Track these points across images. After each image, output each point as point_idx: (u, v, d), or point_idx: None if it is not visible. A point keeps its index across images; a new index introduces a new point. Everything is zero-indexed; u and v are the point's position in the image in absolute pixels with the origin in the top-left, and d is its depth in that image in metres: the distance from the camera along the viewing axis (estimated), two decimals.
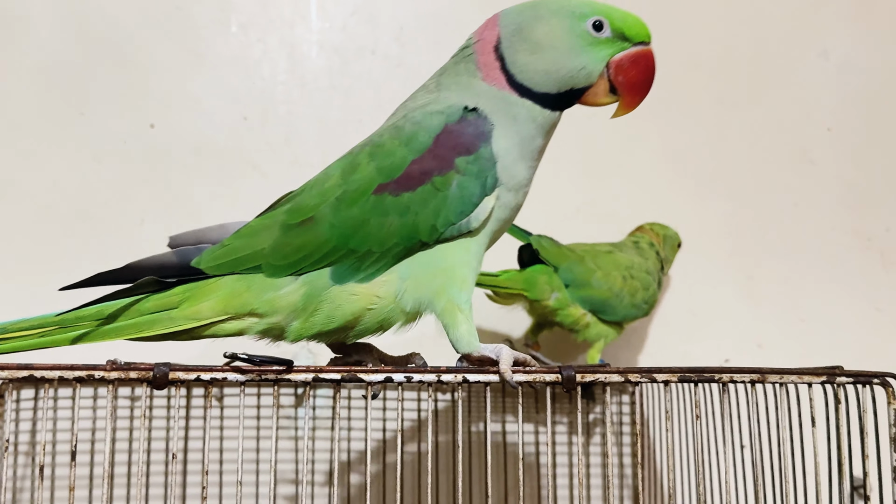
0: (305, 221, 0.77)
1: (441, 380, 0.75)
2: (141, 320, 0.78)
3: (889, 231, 1.37)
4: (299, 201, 0.78)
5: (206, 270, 0.78)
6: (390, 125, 0.80)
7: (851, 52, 1.41)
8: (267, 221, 0.79)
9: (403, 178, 0.76)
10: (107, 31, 1.24)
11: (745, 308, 1.27)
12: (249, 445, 1.12)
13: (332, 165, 0.81)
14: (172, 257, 0.79)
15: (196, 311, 0.78)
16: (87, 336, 0.78)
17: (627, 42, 0.78)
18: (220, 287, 0.78)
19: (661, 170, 1.34)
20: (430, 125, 0.77)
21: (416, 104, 0.81)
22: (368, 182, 0.76)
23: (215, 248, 0.79)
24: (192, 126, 1.24)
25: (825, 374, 0.79)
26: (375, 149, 0.77)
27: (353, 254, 0.76)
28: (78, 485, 1.05)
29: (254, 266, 0.77)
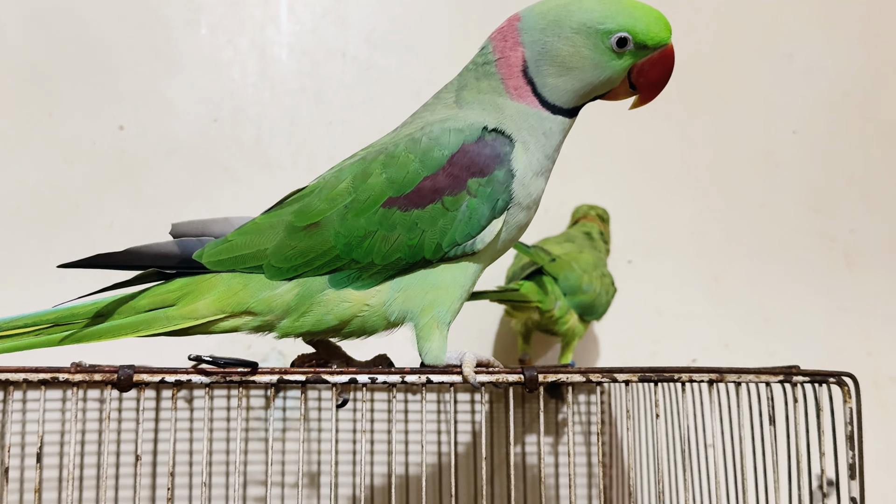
0: (311, 226, 0.76)
1: (405, 381, 0.76)
2: (137, 319, 0.78)
3: (853, 232, 1.39)
4: (307, 203, 0.77)
5: (206, 265, 0.77)
6: (406, 136, 0.78)
7: (816, 54, 1.43)
8: (272, 220, 0.78)
9: (414, 193, 0.76)
10: (76, 32, 1.23)
11: (711, 308, 1.29)
12: (219, 447, 1.12)
13: (345, 168, 0.79)
14: (174, 247, 0.78)
15: (193, 310, 0.77)
16: (83, 335, 0.78)
17: (649, 49, 0.79)
18: (216, 284, 0.78)
19: (628, 170, 1.35)
20: (447, 142, 0.76)
21: (435, 117, 0.80)
22: (379, 194, 0.76)
23: (218, 242, 0.78)
24: (161, 128, 1.24)
25: (782, 374, 0.80)
26: (389, 159, 0.76)
27: (355, 264, 0.76)
28: (46, 487, 1.05)
29: (255, 266, 0.77)
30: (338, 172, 0.79)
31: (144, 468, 1.08)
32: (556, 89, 0.79)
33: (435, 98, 0.84)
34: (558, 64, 0.78)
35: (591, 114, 1.35)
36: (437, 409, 1.17)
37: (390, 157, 0.77)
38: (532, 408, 1.19)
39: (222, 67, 1.27)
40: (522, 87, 0.79)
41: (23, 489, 1.06)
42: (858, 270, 1.38)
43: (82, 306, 0.78)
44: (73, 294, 1.15)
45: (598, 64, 0.78)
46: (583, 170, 1.34)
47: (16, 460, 1.06)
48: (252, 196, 1.24)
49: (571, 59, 0.77)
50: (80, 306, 0.78)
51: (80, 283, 1.17)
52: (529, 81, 0.79)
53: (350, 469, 1.12)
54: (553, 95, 0.79)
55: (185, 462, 1.11)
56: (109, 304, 0.78)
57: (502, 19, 1.31)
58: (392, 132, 0.83)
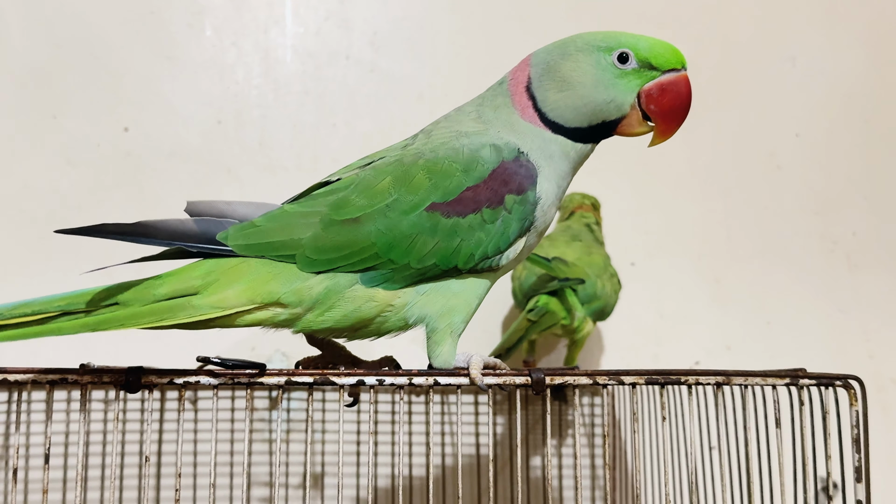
0: (350, 221, 0.74)
1: (413, 382, 0.76)
2: (158, 307, 0.72)
3: (855, 235, 1.39)
4: (344, 198, 0.75)
5: (233, 248, 0.73)
6: (443, 144, 0.78)
7: (819, 58, 1.43)
8: (305, 210, 0.75)
9: (456, 202, 0.76)
10: (81, 34, 1.23)
11: (713, 310, 1.29)
12: (224, 448, 1.12)
13: (379, 167, 0.77)
14: (192, 225, 0.73)
15: (221, 299, 0.73)
16: (98, 323, 0.71)
17: (656, 71, 0.79)
18: (245, 271, 0.74)
19: (630, 173, 1.35)
20: (489, 157, 0.77)
21: (466, 128, 0.80)
22: (423, 197, 0.75)
23: (245, 225, 0.74)
24: (165, 130, 1.24)
25: (789, 377, 0.81)
26: (433, 165, 0.76)
27: (390, 263, 0.75)
28: (52, 488, 1.05)
29: (287, 255, 0.74)
30: (374, 171, 0.77)
31: (151, 469, 1.08)
32: (556, 105, 0.79)
33: (458, 111, 0.84)
34: (559, 79, 0.78)
35: None
36: (441, 412, 1.17)
37: (433, 163, 0.76)
38: (535, 410, 1.19)
39: (226, 70, 1.27)
40: (525, 103, 0.80)
41: (27, 489, 1.06)
42: (860, 273, 1.38)
43: (93, 292, 0.72)
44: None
45: (599, 80, 0.78)
46: (585, 172, 1.33)
47: (21, 461, 1.06)
48: (255, 197, 1.23)
49: (572, 73, 0.78)
50: (90, 292, 0.72)
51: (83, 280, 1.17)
52: (531, 97, 0.80)
53: (354, 471, 1.12)
54: (553, 112, 0.79)
55: (190, 463, 1.11)
56: (124, 289, 0.73)
57: (504, 22, 1.31)
58: (416, 138, 0.82)
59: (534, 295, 1.09)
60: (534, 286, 1.09)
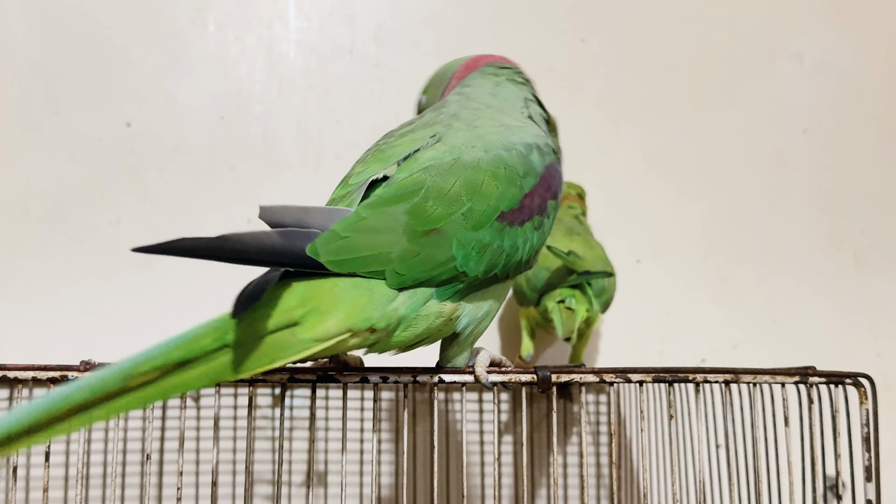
0: (432, 232, 0.68)
1: (417, 380, 0.76)
2: (268, 346, 0.62)
3: (862, 233, 1.38)
4: (420, 205, 0.69)
5: (326, 264, 0.64)
6: (496, 142, 0.76)
7: (826, 54, 1.42)
8: (386, 219, 0.67)
9: (519, 210, 0.73)
10: (83, 29, 1.23)
11: (719, 309, 1.28)
12: (227, 446, 1.11)
13: (444, 170, 0.72)
14: (278, 238, 0.63)
15: (324, 331, 0.63)
16: (219, 374, 0.60)
17: None
18: (341, 295, 0.64)
19: (636, 171, 1.34)
20: (538, 162, 0.76)
21: (510, 122, 0.80)
22: (494, 206, 0.71)
23: (329, 237, 0.65)
24: (168, 125, 1.23)
25: (798, 375, 0.80)
26: (496, 169, 0.73)
27: (464, 276, 0.70)
28: (53, 486, 1.05)
29: (377, 270, 0.66)
30: (439, 173, 0.71)
31: (152, 467, 1.08)
32: None
33: (491, 94, 0.84)
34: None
35: (599, 112, 1.35)
36: (446, 409, 1.16)
37: (496, 166, 0.73)
38: (541, 408, 1.18)
39: (229, 65, 1.26)
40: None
41: (29, 486, 1.05)
42: (868, 271, 1.37)
43: (201, 337, 0.61)
44: (80, 290, 1.15)
45: None
46: (590, 169, 1.33)
47: (22, 458, 1.05)
48: (258, 194, 1.23)
49: None
50: (198, 336, 0.61)
51: (88, 275, 1.17)
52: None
53: (358, 468, 1.11)
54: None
55: (192, 461, 1.10)
56: (228, 330, 0.61)
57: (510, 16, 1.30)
58: (450, 124, 0.78)
59: (549, 290, 1.06)
60: (549, 281, 1.06)
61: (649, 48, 1.38)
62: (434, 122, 0.79)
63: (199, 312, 1.18)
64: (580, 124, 1.34)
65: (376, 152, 0.76)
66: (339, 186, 0.75)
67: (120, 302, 1.17)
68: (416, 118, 0.83)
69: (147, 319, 1.17)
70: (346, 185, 0.73)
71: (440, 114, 0.81)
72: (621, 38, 1.37)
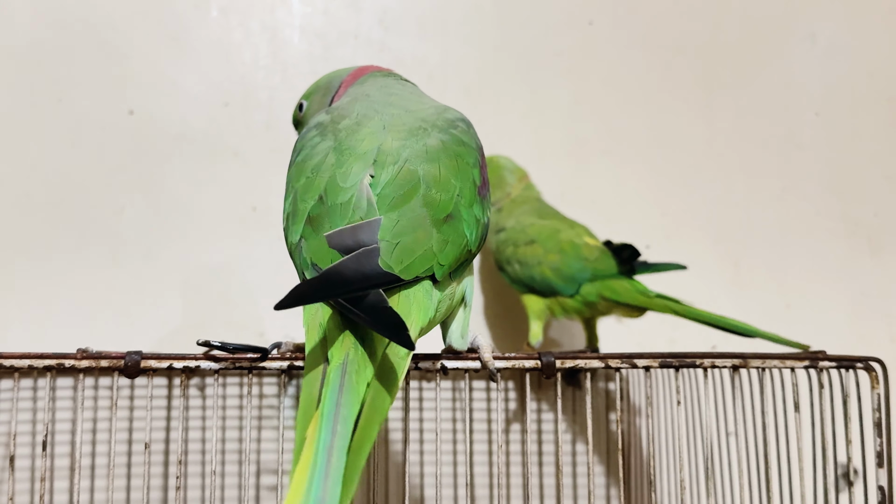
0: (448, 217, 0.70)
1: (419, 366, 0.75)
2: (386, 372, 0.64)
3: (877, 216, 1.36)
4: (430, 196, 0.70)
5: (399, 274, 0.65)
6: (439, 121, 0.77)
7: (839, 35, 1.40)
8: (413, 216, 0.69)
9: (483, 183, 0.76)
10: (85, 15, 1.22)
11: (731, 294, 1.26)
12: (232, 435, 1.11)
13: (423, 158, 0.73)
14: (360, 262, 0.64)
15: (414, 338, 0.66)
16: (379, 415, 0.62)
17: None
18: (412, 298, 0.68)
19: (646, 154, 1.33)
20: (475, 135, 0.79)
21: (432, 102, 0.82)
22: (472, 183, 0.74)
23: (386, 247, 0.66)
24: (172, 112, 1.22)
25: (808, 359, 0.78)
26: (461, 149, 0.75)
27: (469, 253, 0.73)
28: (57, 476, 1.04)
29: (429, 268, 0.68)
30: (421, 160, 0.72)
31: (157, 456, 1.07)
32: None
33: (402, 88, 0.87)
34: None
35: (608, 95, 1.34)
36: (451, 398, 1.15)
37: (456, 145, 0.75)
38: (550, 396, 1.17)
39: (233, 51, 1.25)
40: None
41: (33, 477, 1.05)
42: (882, 255, 1.35)
43: (355, 400, 0.61)
44: (83, 278, 1.14)
45: None
46: (600, 153, 1.31)
47: (27, 448, 1.05)
48: (262, 181, 1.22)
49: None
50: (354, 395, 0.61)
51: (91, 264, 1.16)
52: None
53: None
54: None
55: (198, 450, 1.10)
56: (361, 363, 0.63)
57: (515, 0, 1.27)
58: (390, 112, 0.79)
59: (594, 280, 1.08)
60: (597, 272, 1.09)
61: (658, 30, 1.36)
62: (372, 111, 0.79)
63: (200, 300, 1.18)
64: (589, 108, 1.33)
65: (343, 150, 0.74)
66: (328, 189, 0.71)
67: (123, 291, 1.16)
68: (343, 108, 0.81)
69: (150, 308, 1.16)
70: (337, 187, 0.71)
71: (371, 102, 0.81)
72: (630, 20, 1.35)
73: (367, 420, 0.61)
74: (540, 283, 1.11)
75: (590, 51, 1.34)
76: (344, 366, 0.62)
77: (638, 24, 1.36)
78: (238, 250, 1.20)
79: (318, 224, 0.70)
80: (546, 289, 1.10)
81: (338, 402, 0.59)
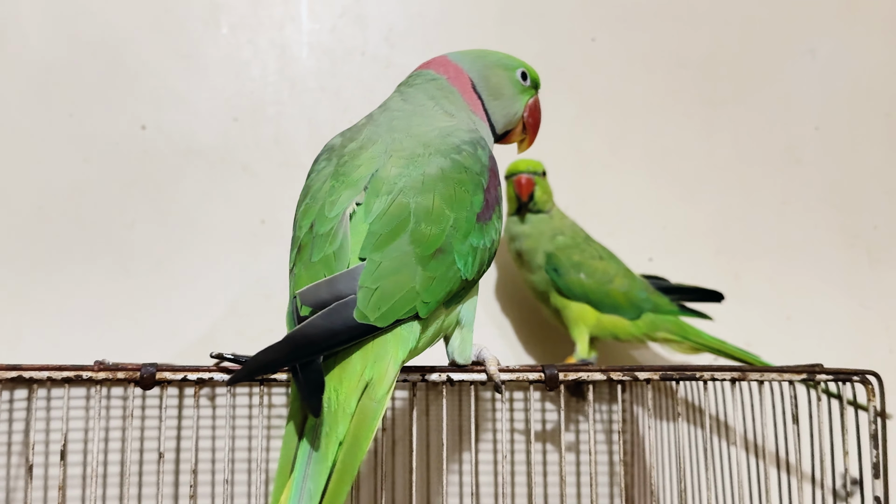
0: (437, 252, 0.71)
1: (425, 379, 0.76)
2: (361, 423, 0.66)
3: (876, 229, 1.38)
4: (419, 231, 0.71)
5: (375, 322, 0.67)
6: (443, 146, 0.77)
7: (838, 50, 1.42)
8: (397, 256, 0.70)
9: (485, 207, 0.77)
10: (97, 32, 1.24)
11: (732, 306, 1.28)
12: (242, 445, 1.12)
13: (416, 187, 0.73)
14: (331, 318, 0.66)
15: (389, 378, 0.68)
16: (342, 478, 0.65)
17: (535, 90, 0.92)
18: (390, 346, 0.69)
19: (647, 168, 1.34)
20: (483, 155, 0.79)
21: (442, 124, 0.81)
22: (471, 211, 0.75)
23: (364, 294, 0.67)
24: (182, 127, 1.24)
25: (806, 372, 0.80)
26: (461, 175, 0.75)
27: (466, 282, 0.74)
28: (70, 484, 1.06)
29: (411, 308, 0.69)
30: (415, 192, 0.73)
31: (168, 465, 1.09)
32: (494, 110, 0.88)
33: (406, 103, 0.86)
34: (491, 87, 0.87)
35: (610, 110, 1.35)
36: (458, 407, 1.17)
37: (456, 171, 0.75)
38: (556, 406, 1.19)
39: (242, 67, 1.27)
40: (475, 102, 0.87)
41: (47, 485, 1.07)
42: (881, 267, 1.36)
43: (325, 459, 0.65)
44: (95, 290, 1.16)
45: (514, 94, 0.89)
46: (602, 166, 1.33)
47: (41, 457, 1.07)
48: (271, 195, 1.24)
49: (499, 84, 0.88)
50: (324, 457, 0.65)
51: (102, 276, 1.18)
52: (479, 98, 0.87)
53: (371, 466, 1.12)
54: (493, 116, 0.88)
55: (208, 459, 1.11)
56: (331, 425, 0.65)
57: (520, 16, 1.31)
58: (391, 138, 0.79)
59: (656, 311, 1.16)
60: (657, 307, 1.16)
61: (660, 46, 1.38)
62: (376, 135, 0.80)
63: (212, 313, 1.19)
64: (591, 123, 1.34)
65: (338, 176, 0.76)
66: (317, 217, 0.74)
67: (134, 303, 1.18)
68: (357, 130, 0.83)
69: (161, 320, 1.18)
70: (323, 217, 0.73)
71: (377, 126, 0.82)
72: (632, 36, 1.37)
73: (337, 483, 0.64)
74: (605, 300, 1.13)
75: (592, 66, 1.36)
76: (317, 428, 0.65)
77: (640, 41, 1.37)
78: (247, 263, 1.22)
79: (304, 253, 0.72)
80: (609, 307, 1.13)
81: (305, 475, 0.63)
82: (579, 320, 1.13)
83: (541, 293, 1.17)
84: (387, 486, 1.13)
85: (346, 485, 0.64)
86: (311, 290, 0.68)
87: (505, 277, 1.28)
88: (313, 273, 0.70)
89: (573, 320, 1.14)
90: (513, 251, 1.19)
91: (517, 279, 1.25)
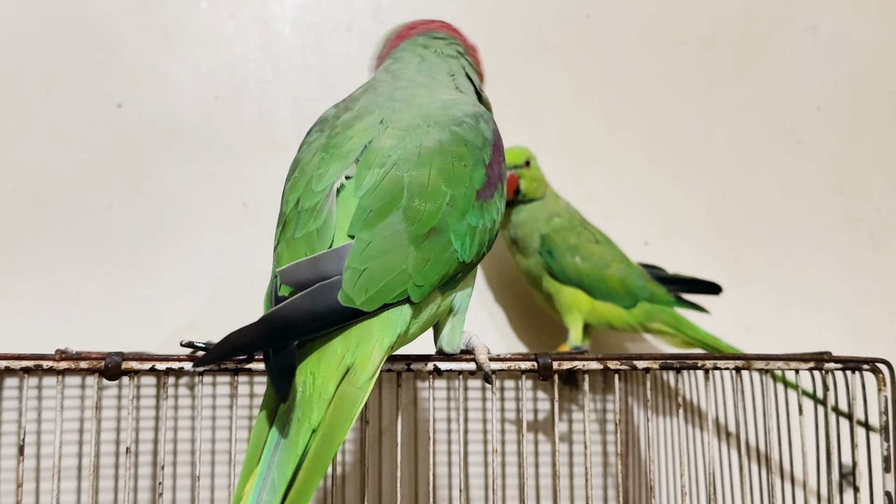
0: (430, 232, 0.66)
1: (410, 368, 0.72)
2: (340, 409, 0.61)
3: (879, 212, 1.34)
4: (412, 209, 0.66)
5: (361, 307, 0.62)
6: (443, 118, 0.72)
7: (840, 28, 1.38)
8: (388, 235, 0.65)
9: (487, 184, 0.72)
10: (72, 6, 1.19)
11: (731, 292, 1.24)
12: (223, 435, 1.09)
13: (414, 160, 0.68)
14: (314, 301, 0.61)
15: (373, 364, 0.63)
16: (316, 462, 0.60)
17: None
18: (376, 329, 0.64)
19: (646, 150, 1.31)
20: (487, 129, 0.74)
21: (445, 96, 0.77)
22: (470, 187, 0.70)
23: (351, 275, 0.62)
24: (161, 105, 1.20)
25: (813, 360, 0.76)
26: (461, 149, 0.70)
27: (463, 265, 0.69)
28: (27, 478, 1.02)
29: (401, 292, 0.64)
30: (411, 165, 0.68)
31: (145, 457, 1.05)
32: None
33: (422, 74, 0.82)
34: None
35: (606, 90, 1.31)
36: (447, 397, 1.13)
37: (456, 144, 0.70)
38: (548, 396, 1.15)
39: (223, 43, 1.22)
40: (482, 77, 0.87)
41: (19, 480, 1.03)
42: (885, 251, 1.33)
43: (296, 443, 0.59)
44: (70, 275, 1.12)
45: None
46: (597, 148, 1.29)
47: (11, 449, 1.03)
48: (254, 177, 1.20)
49: None
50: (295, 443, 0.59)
51: (79, 260, 1.14)
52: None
53: (357, 458, 1.09)
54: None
55: (187, 451, 1.07)
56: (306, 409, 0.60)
57: None
58: (391, 107, 0.75)
59: (651, 301, 1.13)
60: (655, 297, 1.13)
61: (657, 23, 1.34)
62: (374, 105, 0.76)
63: (194, 300, 1.15)
64: (586, 103, 1.30)
65: (329, 148, 0.72)
66: (304, 191, 0.69)
67: (111, 287, 1.14)
68: (353, 100, 0.79)
69: (139, 307, 1.14)
70: (310, 191, 0.68)
71: (377, 95, 0.78)
72: (628, 13, 1.33)
73: (307, 473, 0.58)
74: (601, 286, 1.09)
75: (587, 44, 1.32)
76: (288, 413, 0.59)
77: (637, 18, 1.33)
78: (229, 247, 1.18)
79: (288, 230, 0.67)
80: (604, 293, 1.09)
81: (271, 463, 0.58)
82: (573, 306, 1.09)
83: (534, 278, 1.13)
84: (373, 479, 1.09)
85: (318, 476, 0.58)
86: (292, 269, 0.62)
87: (496, 262, 1.24)
88: (294, 251, 0.65)
89: (567, 306, 1.10)
90: (507, 238, 1.15)
91: (509, 264, 1.21)
